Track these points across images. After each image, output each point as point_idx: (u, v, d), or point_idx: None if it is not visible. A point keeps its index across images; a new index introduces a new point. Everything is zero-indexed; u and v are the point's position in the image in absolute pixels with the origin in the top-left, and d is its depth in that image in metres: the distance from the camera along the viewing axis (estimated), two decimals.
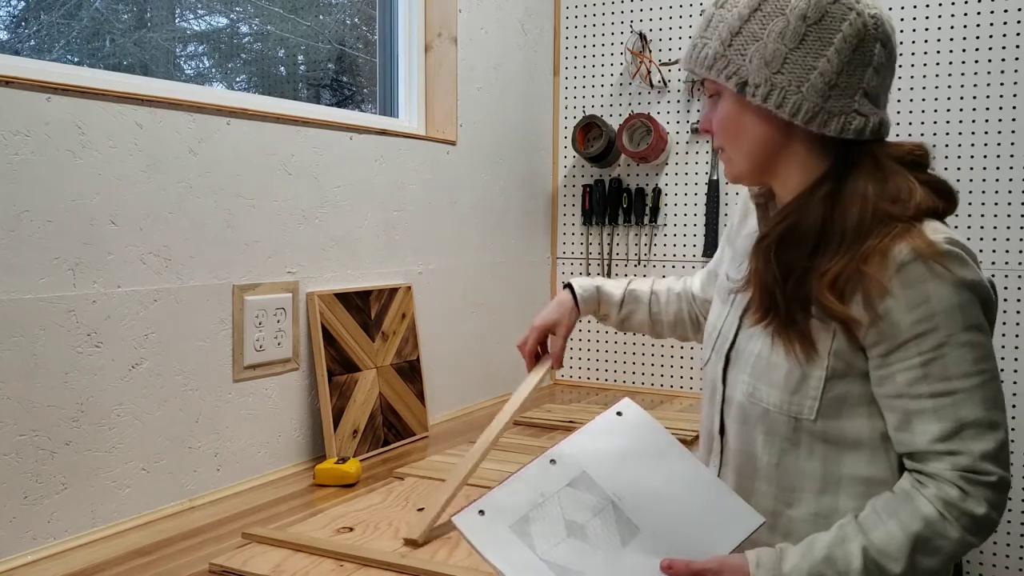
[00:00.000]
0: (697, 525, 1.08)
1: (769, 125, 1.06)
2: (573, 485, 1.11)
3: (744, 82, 1.03)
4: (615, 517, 1.09)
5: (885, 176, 1.03)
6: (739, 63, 1.03)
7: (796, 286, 1.03)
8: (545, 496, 1.10)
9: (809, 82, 1.01)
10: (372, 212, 1.95)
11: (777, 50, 1.01)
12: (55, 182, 1.31)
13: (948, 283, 0.98)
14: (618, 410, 1.19)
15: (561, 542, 1.06)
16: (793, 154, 1.07)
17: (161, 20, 1.78)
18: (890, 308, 0.98)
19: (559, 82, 2.70)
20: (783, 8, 1.02)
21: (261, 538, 1.34)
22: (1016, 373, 2.20)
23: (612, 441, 1.16)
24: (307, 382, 1.77)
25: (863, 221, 1.00)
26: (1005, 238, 2.19)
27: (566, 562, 1.04)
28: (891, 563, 0.97)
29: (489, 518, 1.08)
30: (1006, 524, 2.23)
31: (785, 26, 1.01)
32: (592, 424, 1.18)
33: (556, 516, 1.08)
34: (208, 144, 1.55)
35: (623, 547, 1.06)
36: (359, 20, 2.28)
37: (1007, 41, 2.17)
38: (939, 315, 0.97)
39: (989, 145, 2.20)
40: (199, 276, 1.54)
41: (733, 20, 1.04)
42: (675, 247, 2.57)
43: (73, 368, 1.34)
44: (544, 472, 1.12)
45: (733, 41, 1.04)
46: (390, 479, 1.66)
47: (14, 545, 1.27)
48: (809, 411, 1.05)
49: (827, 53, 1.01)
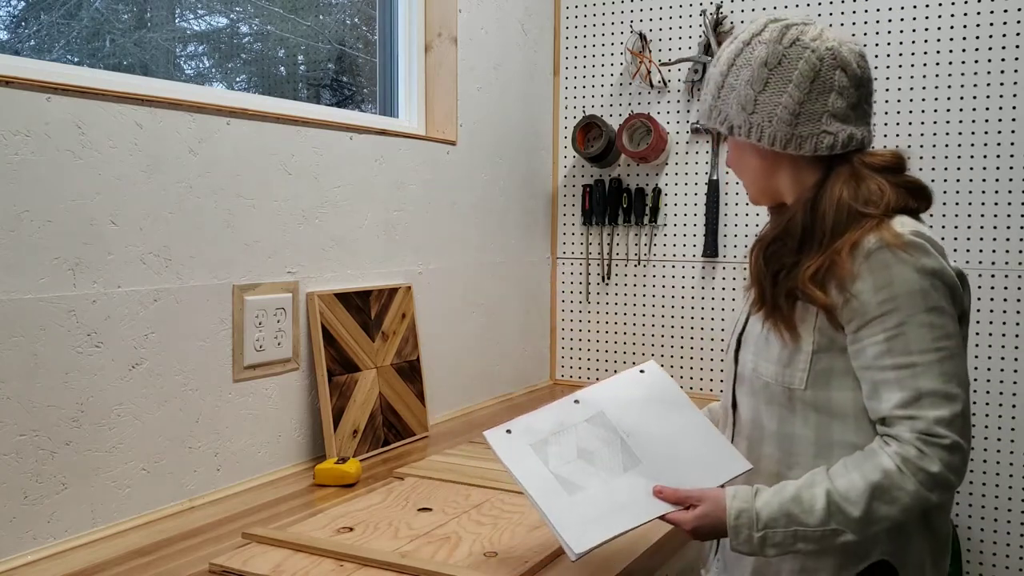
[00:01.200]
0: (691, 464, 1.25)
1: (759, 156, 1.25)
2: (590, 421, 1.29)
3: (732, 125, 1.24)
4: (621, 449, 1.26)
5: (858, 181, 1.18)
6: (726, 111, 1.24)
7: (784, 279, 1.20)
8: (564, 426, 1.28)
9: (777, 116, 1.19)
10: (372, 212, 1.95)
11: (747, 95, 1.21)
12: (55, 182, 1.31)
13: (911, 268, 1.11)
14: (641, 368, 1.38)
15: (571, 462, 1.24)
16: (785, 175, 1.25)
17: (161, 20, 1.78)
18: (859, 290, 1.13)
19: (559, 82, 2.70)
20: (749, 60, 1.21)
21: (261, 538, 1.34)
22: (1016, 373, 2.20)
23: (631, 391, 1.34)
24: (307, 382, 1.77)
25: (839, 221, 1.16)
26: (1005, 238, 2.19)
27: (571, 476, 1.21)
28: (850, 507, 1.10)
29: (514, 436, 1.26)
30: (1006, 524, 2.23)
31: (752, 74, 1.20)
32: (616, 377, 1.38)
33: (571, 442, 1.26)
34: (208, 144, 1.55)
35: (623, 472, 1.23)
36: (359, 20, 2.28)
37: (1006, 41, 2.17)
38: (901, 297, 1.11)
39: (988, 145, 2.20)
40: (199, 276, 1.54)
41: (718, 77, 1.25)
42: (675, 247, 2.57)
43: (73, 368, 1.34)
44: (567, 408, 1.31)
45: (720, 93, 1.25)
46: (390, 479, 1.66)
47: (14, 545, 1.27)
48: (800, 382, 1.19)
49: (788, 89, 1.19)
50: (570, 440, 1.26)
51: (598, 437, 1.27)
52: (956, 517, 2.28)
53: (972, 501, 2.26)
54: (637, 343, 2.63)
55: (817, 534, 1.12)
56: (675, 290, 2.57)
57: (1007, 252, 2.19)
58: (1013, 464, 2.21)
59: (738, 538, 1.15)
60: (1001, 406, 2.21)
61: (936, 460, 1.09)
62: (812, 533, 1.13)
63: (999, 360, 2.21)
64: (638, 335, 2.62)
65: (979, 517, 2.26)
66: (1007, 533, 2.23)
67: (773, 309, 1.21)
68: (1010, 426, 2.21)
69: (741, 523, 1.15)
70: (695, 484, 1.20)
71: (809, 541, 1.13)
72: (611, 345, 2.66)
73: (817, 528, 1.12)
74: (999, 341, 2.20)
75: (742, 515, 1.15)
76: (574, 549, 1.12)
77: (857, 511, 1.10)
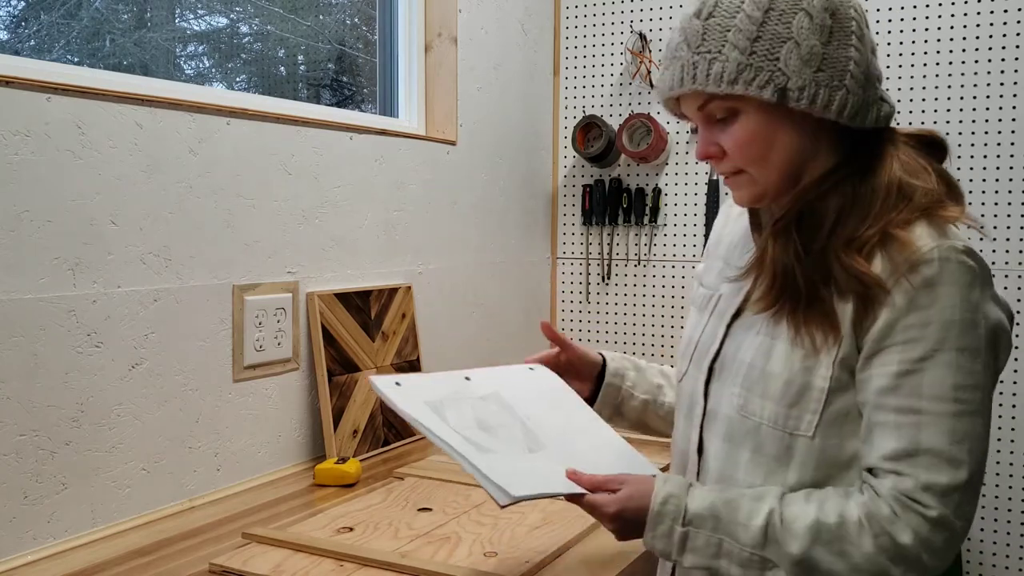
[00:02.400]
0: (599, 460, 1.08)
1: (802, 132, 0.98)
2: (485, 399, 1.12)
3: (783, 88, 0.93)
4: (523, 430, 1.09)
5: (905, 160, 0.99)
6: (772, 69, 0.93)
7: (816, 262, 0.96)
8: (459, 396, 1.10)
9: (849, 73, 0.94)
10: (372, 212, 1.95)
11: (813, 47, 0.93)
12: (55, 182, 1.31)
13: (958, 293, 0.91)
14: (531, 367, 1.22)
15: (471, 429, 1.05)
16: (819, 156, 1.00)
17: (161, 20, 1.78)
18: (893, 301, 0.91)
19: (559, 82, 2.70)
20: (798, 3, 0.94)
21: (261, 538, 1.34)
22: (1016, 373, 2.20)
23: (525, 383, 1.18)
24: (307, 382, 1.77)
25: (887, 204, 0.95)
26: (1005, 238, 2.19)
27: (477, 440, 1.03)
28: (790, 539, 0.92)
29: (406, 389, 1.08)
30: (1006, 524, 2.23)
31: (811, 21, 0.93)
32: (504, 367, 1.21)
33: (468, 413, 1.08)
34: (208, 144, 1.55)
35: (529, 453, 1.06)
36: (359, 20, 2.28)
37: (1007, 41, 2.17)
38: (934, 324, 0.90)
39: (989, 145, 2.20)
40: (199, 276, 1.54)
41: (746, 26, 0.94)
42: (675, 247, 2.57)
43: (73, 368, 1.34)
44: (458, 382, 1.14)
45: (755, 48, 0.93)
46: (390, 479, 1.66)
47: (14, 545, 1.27)
48: (808, 427, 0.96)
49: (852, 42, 0.95)
50: (466, 410, 1.08)
51: (496, 415, 1.10)
52: None
53: None
54: (637, 343, 2.63)
55: (744, 555, 0.94)
56: (675, 290, 2.57)
57: (1007, 252, 2.19)
58: (1013, 464, 2.21)
59: (655, 530, 0.97)
60: (1001, 406, 2.21)
61: (908, 530, 0.89)
62: (739, 552, 0.94)
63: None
64: (638, 335, 2.62)
65: (979, 517, 2.26)
66: (1007, 533, 2.23)
67: (810, 302, 0.95)
68: (1010, 426, 2.21)
69: (666, 511, 0.97)
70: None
71: (733, 561, 0.95)
72: (611, 345, 2.66)
73: (746, 548, 0.94)
74: None
75: (670, 501, 0.97)
76: (510, 492, 0.96)
77: (796, 548, 0.92)
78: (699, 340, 1.10)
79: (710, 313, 1.11)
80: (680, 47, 0.98)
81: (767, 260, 0.99)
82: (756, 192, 1.02)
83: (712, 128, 1.01)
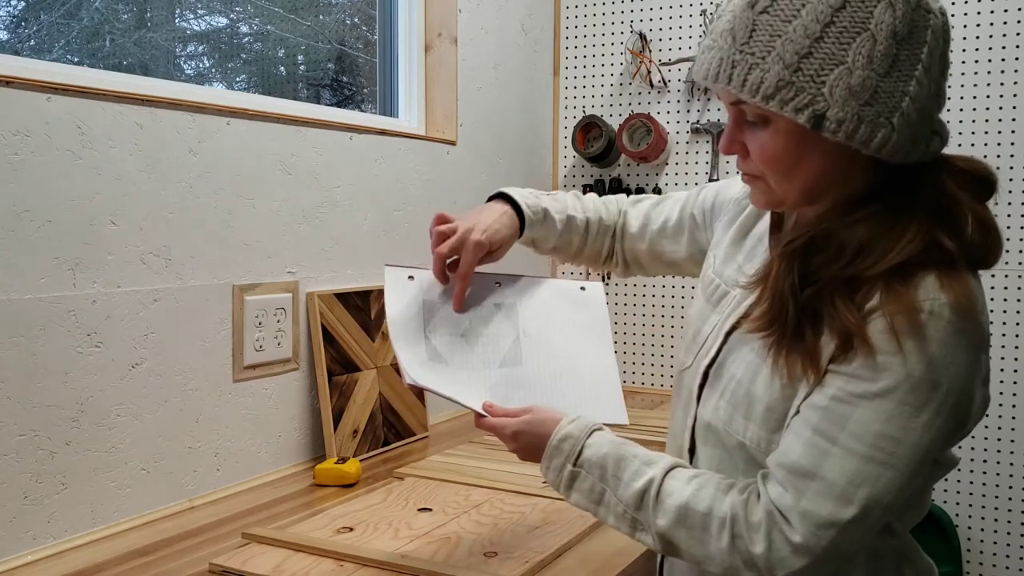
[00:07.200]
0: (567, 389, 1.15)
1: (834, 157, 0.90)
2: (498, 307, 1.21)
3: (821, 115, 0.84)
4: (510, 346, 1.17)
5: (943, 202, 0.90)
6: (814, 92, 0.84)
7: (812, 298, 0.90)
8: (468, 302, 1.19)
9: (900, 111, 0.85)
10: (372, 212, 1.95)
11: (867, 78, 0.84)
12: (55, 182, 1.31)
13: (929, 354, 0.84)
14: (582, 286, 1.30)
15: (450, 335, 1.16)
16: (850, 181, 0.92)
17: (161, 20, 1.78)
18: (871, 336, 0.86)
19: (559, 82, 2.70)
20: (865, 23, 0.84)
21: (261, 538, 1.34)
22: (1016, 373, 2.20)
23: (556, 300, 1.25)
24: (307, 382, 1.77)
25: (914, 240, 0.87)
26: (1005, 238, 2.18)
27: (440, 348, 1.14)
28: (659, 512, 0.94)
29: (413, 284, 1.20)
30: (1006, 523, 2.23)
31: (873, 47, 0.83)
32: (555, 280, 1.29)
33: (464, 320, 1.18)
34: (208, 144, 1.55)
35: (497, 367, 1.15)
36: (359, 20, 2.28)
37: (1007, 41, 2.17)
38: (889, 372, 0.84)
39: (989, 146, 2.20)
40: (199, 276, 1.54)
41: (798, 38, 0.84)
42: None
43: (73, 368, 1.34)
44: (486, 285, 1.23)
45: (802, 65, 0.84)
46: (390, 479, 1.66)
47: (14, 545, 1.27)
48: None
49: (916, 74, 0.86)
50: (464, 317, 1.18)
51: (494, 325, 1.18)
52: (956, 517, 2.28)
53: (972, 500, 2.26)
54: (637, 343, 2.63)
55: (619, 510, 0.97)
56: (675, 290, 2.57)
57: (1007, 252, 2.19)
58: (1013, 464, 2.21)
59: (550, 462, 1.01)
60: (1001, 406, 2.21)
61: (764, 544, 0.88)
62: (615, 506, 0.98)
63: (999, 360, 2.21)
64: (638, 335, 2.62)
65: (979, 516, 2.26)
66: (1007, 533, 2.24)
67: (793, 339, 0.90)
68: (1010, 426, 2.21)
69: (562, 448, 1.01)
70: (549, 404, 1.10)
71: (610, 512, 0.98)
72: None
73: (620, 504, 0.97)
74: (999, 341, 2.20)
75: (567, 440, 1.01)
76: (408, 375, 1.08)
77: (662, 522, 0.94)
78: (706, 337, 1.07)
79: (714, 308, 1.08)
80: (725, 36, 0.89)
81: (770, 280, 0.94)
82: (773, 200, 0.97)
83: (741, 125, 0.94)
